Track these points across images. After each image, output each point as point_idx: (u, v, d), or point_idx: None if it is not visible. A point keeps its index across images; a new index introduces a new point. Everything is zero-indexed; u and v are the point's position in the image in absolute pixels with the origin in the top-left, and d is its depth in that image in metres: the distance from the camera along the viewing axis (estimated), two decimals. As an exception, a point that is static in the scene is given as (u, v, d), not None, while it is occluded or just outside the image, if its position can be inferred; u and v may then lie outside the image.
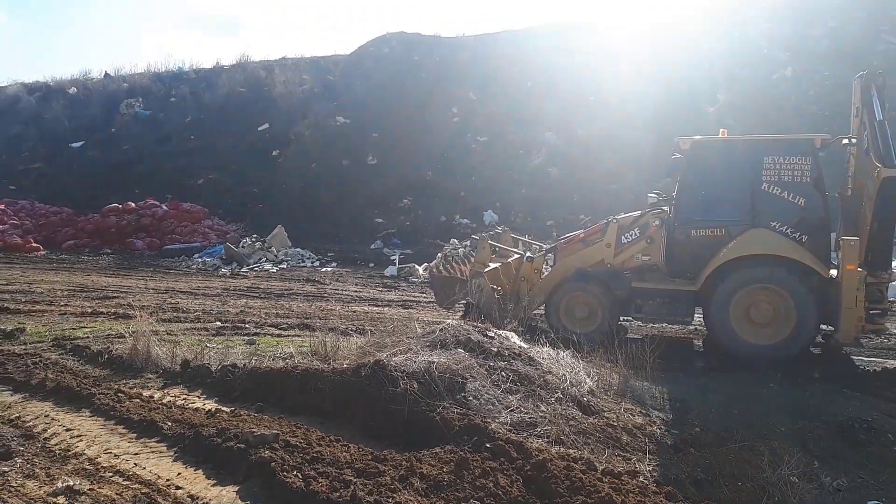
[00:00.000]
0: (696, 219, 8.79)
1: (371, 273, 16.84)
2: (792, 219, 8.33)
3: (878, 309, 8.04)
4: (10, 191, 27.68)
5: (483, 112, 25.70)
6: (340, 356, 6.64)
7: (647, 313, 9.00)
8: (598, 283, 9.10)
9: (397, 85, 28.31)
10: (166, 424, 5.11)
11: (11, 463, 4.48)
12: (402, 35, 32.83)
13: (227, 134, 28.61)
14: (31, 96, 36.16)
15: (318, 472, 4.07)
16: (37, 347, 8.46)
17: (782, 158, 8.42)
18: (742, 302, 8.30)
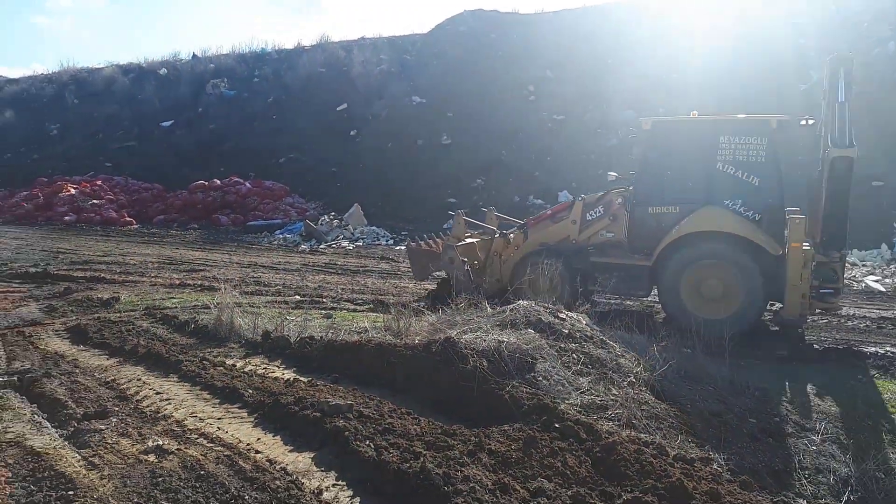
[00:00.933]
0: (654, 197, 9.04)
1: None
2: (746, 197, 8.52)
3: (830, 288, 8.15)
4: (106, 167, 29.33)
5: (560, 90, 25.25)
6: (412, 332, 6.76)
7: (606, 286, 9.23)
8: (559, 258, 9.27)
9: (473, 63, 28.16)
10: (247, 392, 5.36)
11: (107, 422, 4.81)
12: (479, 12, 32.57)
13: (308, 114, 29.24)
14: (125, 77, 38.00)
15: (389, 443, 4.19)
16: (130, 315, 9.01)
17: (737, 138, 8.62)
18: (693, 277, 8.54)
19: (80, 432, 4.61)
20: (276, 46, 37.87)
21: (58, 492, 3.67)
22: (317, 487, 3.79)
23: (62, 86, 38.83)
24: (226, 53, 38.33)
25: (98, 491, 3.65)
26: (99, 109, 35.02)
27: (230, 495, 3.62)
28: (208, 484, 3.75)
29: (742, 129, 8.76)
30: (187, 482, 3.78)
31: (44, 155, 32.06)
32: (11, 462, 4.11)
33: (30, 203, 23.91)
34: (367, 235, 19.63)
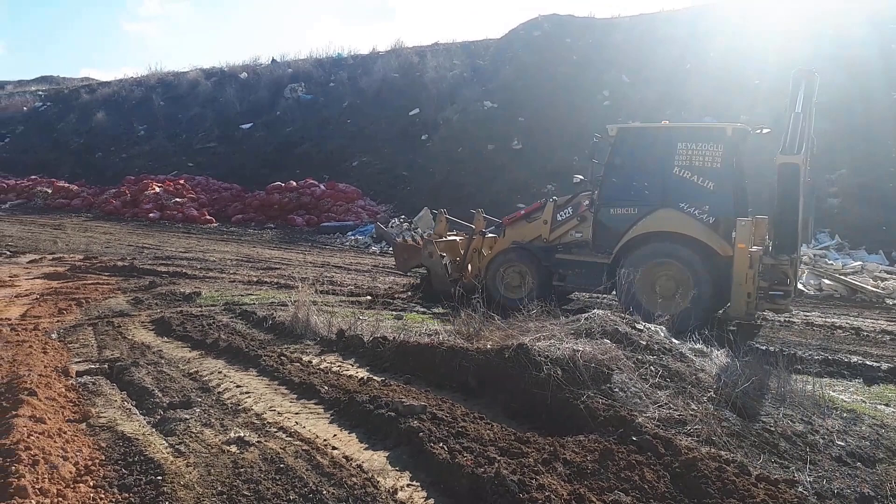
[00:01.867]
0: (616, 199, 9.62)
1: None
2: (700, 201, 8.98)
3: (780, 290, 8.55)
4: (188, 167, 30.61)
5: (636, 96, 24.78)
6: (483, 336, 6.76)
7: (569, 282, 9.94)
8: (529, 255, 10.20)
9: (547, 68, 27.97)
10: (323, 388, 5.47)
11: (191, 412, 5.00)
12: (554, 17, 32.34)
13: (381, 118, 29.72)
14: (208, 81, 39.58)
15: (462, 447, 4.19)
16: (210, 310, 9.35)
17: (694, 145, 9.11)
18: (647, 275, 9.07)
19: (166, 420, 4.81)
20: (352, 52, 38.73)
21: (147, 476, 3.83)
22: (392, 486, 3.82)
23: (150, 88, 40.77)
24: (303, 58, 39.46)
25: (185, 478, 3.79)
26: (183, 111, 36.57)
27: (308, 489, 3.69)
28: (287, 477, 3.84)
29: (699, 136, 9.30)
30: (267, 474, 3.88)
31: (131, 154, 33.71)
32: (104, 445, 4.32)
33: (118, 200, 25.17)
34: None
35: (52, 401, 5.06)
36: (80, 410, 4.99)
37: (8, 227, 20.50)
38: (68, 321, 8.56)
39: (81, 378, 5.94)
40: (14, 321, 8.40)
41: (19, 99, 43.29)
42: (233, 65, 41.55)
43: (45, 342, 7.27)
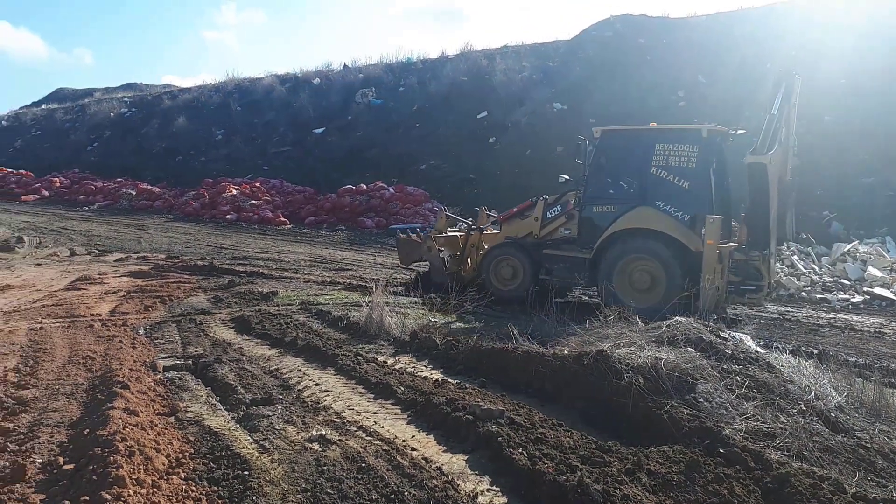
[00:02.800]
0: (599, 197, 10.04)
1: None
2: (676, 199, 9.34)
3: (752, 285, 9.06)
4: (264, 171, 31.51)
5: (713, 97, 24.01)
6: (557, 342, 6.67)
7: (555, 275, 10.32)
8: (520, 250, 10.72)
9: (619, 69, 27.46)
10: (400, 389, 5.51)
11: (273, 409, 5.12)
12: (627, 17, 31.74)
13: (449, 122, 29.83)
14: (282, 87, 40.67)
15: (542, 454, 4.13)
16: (287, 309, 9.57)
17: (671, 146, 9.46)
18: (624, 269, 9.51)
19: (249, 416, 4.94)
20: (421, 56, 39.03)
21: (234, 471, 3.94)
22: (472, 490, 3.80)
23: (227, 94, 42.23)
24: (374, 64, 40.00)
25: (270, 473, 3.88)
26: (259, 116, 37.70)
27: (390, 490, 3.71)
28: (369, 476, 3.88)
29: (675, 137, 9.61)
30: (349, 473, 3.93)
31: (210, 158, 34.98)
32: (193, 439, 4.47)
33: (197, 201, 26.15)
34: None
35: (142, 394, 5.28)
36: (168, 404, 5.19)
37: (96, 227, 21.60)
38: (154, 318, 8.92)
39: (168, 373, 6.17)
40: (104, 317, 8.83)
41: (107, 105, 45.61)
42: (306, 71, 42.59)
43: (134, 338, 7.60)
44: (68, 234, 19.47)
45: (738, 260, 9.14)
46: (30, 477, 3.85)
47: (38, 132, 44.89)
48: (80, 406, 5.12)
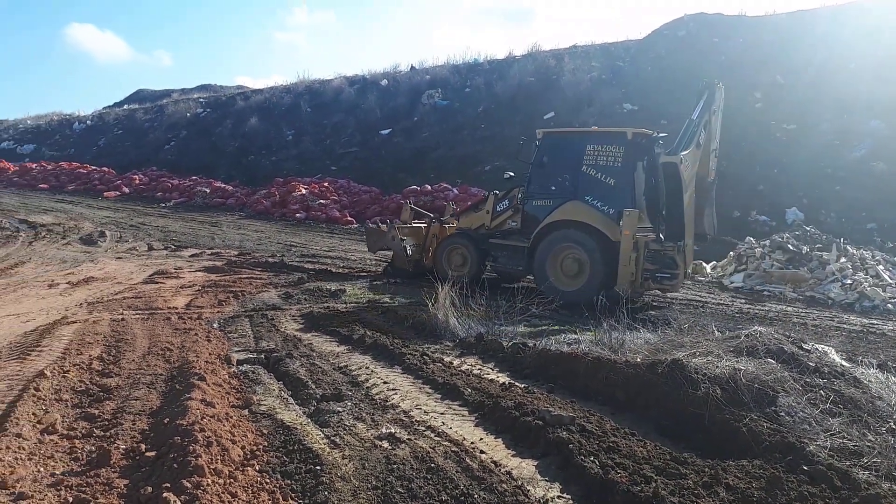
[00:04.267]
0: (538, 192, 11.10)
1: (652, 267, 16.22)
2: (603, 195, 10.28)
3: (667, 273, 10.00)
4: (331, 171, 32.07)
5: (791, 97, 23.08)
6: (627, 349, 6.51)
7: (499, 262, 11.49)
8: (469, 240, 11.87)
9: (692, 69, 26.66)
10: (466, 390, 5.48)
11: (343, 405, 5.18)
12: (701, 16, 30.85)
13: (515, 123, 29.63)
14: (351, 88, 41.30)
15: (615, 463, 4.03)
16: (355, 307, 9.70)
17: (600, 147, 10.42)
18: (556, 257, 10.51)
19: (320, 412, 5.01)
20: (488, 57, 38.93)
21: (306, 465, 3.99)
22: (542, 497, 3.74)
23: (298, 95, 43.18)
24: (441, 65, 40.16)
25: (341, 469, 3.91)
26: (328, 117, 38.41)
27: (459, 492, 3.69)
28: (438, 477, 3.87)
29: (604, 139, 10.60)
30: (419, 472, 3.93)
31: (280, 157, 35.83)
32: (266, 432, 4.56)
33: (268, 200, 26.82)
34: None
35: (218, 386, 5.43)
36: (242, 397, 5.32)
37: (172, 223, 22.45)
38: (227, 312, 9.19)
39: (242, 366, 6.33)
40: (181, 310, 9.15)
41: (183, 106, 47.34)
42: (374, 72, 43.10)
43: (208, 331, 7.85)
44: (146, 229, 20.30)
45: (653, 250, 10.07)
46: (114, 462, 4.00)
47: (120, 131, 46.99)
48: (159, 395, 5.31)
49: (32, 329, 7.79)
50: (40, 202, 26.74)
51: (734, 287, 13.09)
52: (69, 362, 6.19)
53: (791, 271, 12.73)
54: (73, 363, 6.16)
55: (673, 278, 10.08)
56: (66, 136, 48.08)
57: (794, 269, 12.80)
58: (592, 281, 10.02)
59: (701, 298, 11.86)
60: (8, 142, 48.71)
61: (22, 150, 46.32)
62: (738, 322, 9.35)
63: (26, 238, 16.96)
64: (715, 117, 10.46)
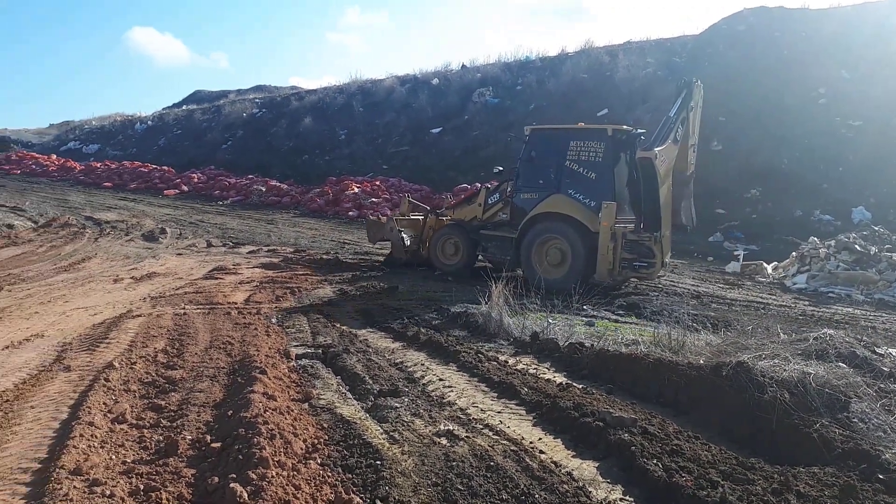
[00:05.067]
0: (526, 186, 11.70)
1: (709, 268, 15.82)
2: (584, 188, 10.91)
3: (644, 262, 10.54)
4: (383, 169, 32.34)
5: (858, 93, 22.16)
6: (687, 350, 6.35)
7: (489, 252, 12.26)
8: (461, 231, 12.61)
9: (752, 64, 25.92)
10: (523, 390, 5.44)
11: (400, 401, 5.20)
12: (761, 10, 29.89)
13: (567, 120, 29.19)
14: (402, 88, 41.55)
15: (679, 466, 3.94)
16: (408, 304, 9.74)
17: (582, 143, 11.02)
18: (540, 247, 11.17)
19: (378, 407, 5.05)
20: (540, 54, 38.59)
21: (367, 459, 4.02)
22: (604, 499, 3.68)
23: (350, 95, 43.68)
24: (492, 63, 40.02)
25: (401, 465, 3.93)
26: (380, 117, 38.75)
27: (520, 491, 3.66)
28: (498, 476, 3.84)
29: (586, 135, 11.22)
30: (478, 470, 3.91)
31: (333, 157, 36.33)
32: (326, 426, 4.62)
33: (321, 198, 27.21)
34: (624, 244, 19.07)
35: (278, 380, 5.53)
36: (302, 391, 5.40)
37: (230, 220, 22.99)
38: (284, 307, 9.35)
39: (300, 361, 6.44)
40: (240, 305, 9.36)
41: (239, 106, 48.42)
42: (425, 71, 43.25)
43: (267, 326, 8.00)
44: (205, 226, 20.85)
45: (631, 240, 10.58)
46: (181, 452, 4.11)
47: (179, 131, 48.39)
48: (222, 388, 5.44)
49: (100, 322, 8.09)
50: (104, 200, 27.76)
51: (797, 288, 12.67)
52: (136, 354, 6.40)
53: (859, 273, 12.25)
54: (139, 355, 6.36)
55: (650, 267, 10.70)
56: (129, 137, 49.79)
57: (861, 270, 12.30)
58: (574, 269, 10.73)
59: (762, 300, 11.51)
60: (74, 142, 50.79)
61: (87, 149, 48.22)
62: (802, 325, 9.04)
63: (92, 234, 17.63)
64: (693, 114, 10.85)
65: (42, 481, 3.76)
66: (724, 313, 9.92)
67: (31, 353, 6.61)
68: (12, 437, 4.46)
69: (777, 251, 16.09)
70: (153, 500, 3.51)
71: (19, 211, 21.94)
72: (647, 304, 10.41)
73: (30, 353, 6.64)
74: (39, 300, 9.47)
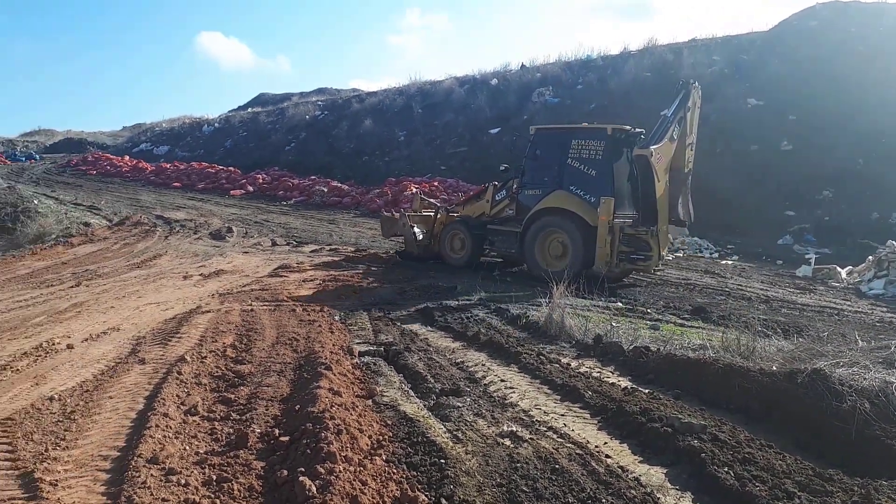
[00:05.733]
0: (531, 183, 12.26)
1: (779, 271, 15.28)
2: (585, 185, 11.37)
3: (641, 255, 11.14)
4: (441, 170, 32.47)
5: (941, 90, 21.03)
6: (758, 356, 6.14)
7: (496, 246, 12.86)
8: (467, 227, 13.20)
9: (825, 61, 24.90)
10: (587, 393, 5.37)
11: (462, 400, 5.20)
12: (834, 5, 28.70)
13: (628, 119, 28.66)
14: (461, 88, 41.60)
15: (752, 475, 3.81)
16: (466, 304, 9.74)
17: (583, 141, 11.48)
18: (543, 240, 11.69)
19: (440, 406, 5.06)
20: (602, 53, 38.02)
21: (431, 457, 4.04)
22: (673, 506, 3.59)
23: (410, 97, 44.02)
24: (552, 62, 39.65)
25: (465, 464, 3.93)
26: (438, 118, 38.92)
27: (586, 495, 3.61)
28: (563, 479, 3.80)
29: (586, 135, 11.70)
30: (543, 473, 3.88)
31: (392, 158, 36.69)
32: (390, 423, 4.66)
33: (381, 199, 27.51)
34: (688, 246, 18.61)
35: (343, 376, 5.61)
36: (365, 388, 5.47)
37: (293, 220, 23.50)
38: (346, 305, 9.50)
39: (363, 358, 6.52)
40: (304, 302, 9.54)
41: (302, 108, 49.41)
42: (484, 72, 43.16)
43: (331, 323, 8.14)
44: (269, 225, 21.37)
45: (629, 234, 11.16)
46: (251, 445, 4.22)
47: (245, 133, 49.72)
48: (288, 383, 5.56)
49: (171, 317, 8.39)
50: (174, 199, 28.78)
51: (873, 294, 12.11)
52: (206, 349, 6.61)
53: (942, 278, 11.61)
54: (209, 350, 6.56)
55: (646, 259, 11.33)
56: (196, 138, 51.49)
57: (945, 276, 11.66)
58: (575, 261, 11.16)
59: (836, 305, 11.04)
60: (146, 143, 52.85)
61: (157, 151, 50.11)
62: (880, 332, 8.63)
63: (163, 233, 18.31)
64: (690, 114, 11.25)
65: (121, 469, 3.92)
66: (796, 319, 9.56)
67: (109, 346, 6.91)
68: (93, 425, 4.67)
69: (851, 255, 15.41)
70: (225, 491, 3.61)
71: (95, 210, 22.96)
72: (714, 308, 10.14)
73: (107, 345, 6.94)
74: (114, 295, 9.90)
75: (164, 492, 3.58)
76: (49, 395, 5.21)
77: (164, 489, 3.61)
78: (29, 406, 4.95)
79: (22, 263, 13.49)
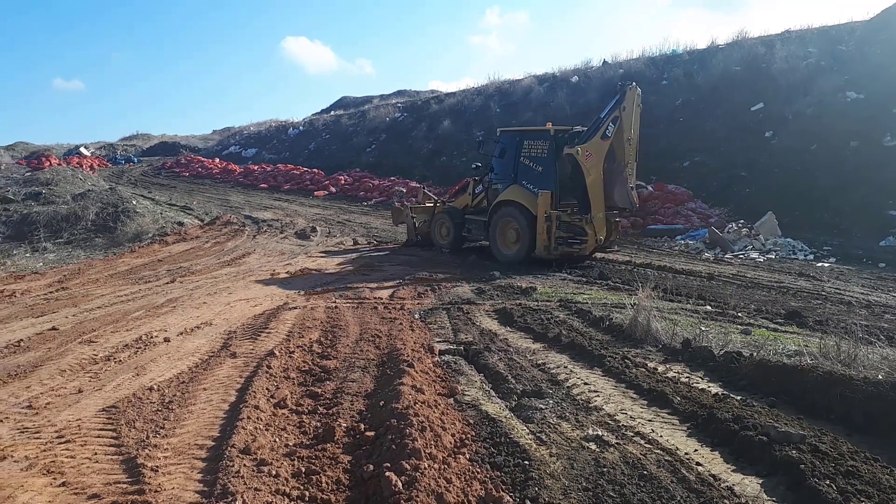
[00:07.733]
0: (497, 178, 14.05)
1: (881, 275, 14.33)
2: (533, 179, 13.17)
3: (577, 240, 12.80)
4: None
5: None
6: (860, 364, 5.77)
7: (472, 233, 14.66)
8: (450, 216, 15.17)
9: (935, 50, 23.19)
10: (675, 399, 5.19)
11: (545, 402, 5.14)
12: (946, -12, 26.69)
13: (717, 115, 27.74)
14: (540, 87, 41.20)
15: (856, 490, 3.59)
16: (546, 305, 9.62)
17: (532, 141, 13.38)
18: (502, 228, 13.54)
19: (522, 407, 5.02)
20: (688, 47, 36.78)
21: (514, 458, 4.02)
22: (770, 519, 3.43)
23: (488, 97, 43.97)
24: (635, 58, 38.66)
25: (549, 467, 3.88)
26: (517, 117, 38.67)
27: (676, 503, 3.49)
28: (652, 485, 3.69)
29: (534, 135, 13.52)
30: (630, 478, 3.78)
31: (471, 158, 36.69)
32: (472, 422, 4.66)
33: (457, 199, 27.68)
34: (780, 248, 17.71)
35: (424, 374, 5.66)
36: (447, 386, 5.49)
37: (373, 220, 23.94)
38: (426, 304, 9.57)
39: (444, 356, 6.55)
40: (385, 300, 9.69)
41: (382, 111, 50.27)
42: (564, 69, 42.51)
43: (411, 321, 8.22)
44: (351, 225, 21.85)
45: (565, 221, 12.58)
46: (338, 439, 4.32)
47: (328, 136, 51.04)
48: (372, 379, 5.65)
49: (260, 313, 8.70)
50: (261, 200, 29.88)
51: None
52: (293, 344, 6.81)
53: None
54: (296, 345, 6.77)
55: (582, 243, 12.75)
56: (282, 141, 53.28)
57: None
58: (524, 247, 13.01)
59: (948, 312, 10.23)
60: (235, 146, 55.14)
61: (245, 153, 52.20)
62: None
63: (251, 232, 19.04)
64: (626, 113, 12.70)
65: (215, 458, 4.09)
66: None
67: (202, 340, 7.23)
68: (188, 415, 4.90)
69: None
70: (314, 483, 3.70)
71: (188, 210, 24.13)
72: (810, 313, 9.64)
73: (200, 339, 7.27)
74: (207, 291, 10.35)
75: (256, 482, 3.71)
76: (149, 386, 5.50)
77: (256, 479, 3.74)
78: (131, 395, 5.24)
79: (122, 261, 14.33)
